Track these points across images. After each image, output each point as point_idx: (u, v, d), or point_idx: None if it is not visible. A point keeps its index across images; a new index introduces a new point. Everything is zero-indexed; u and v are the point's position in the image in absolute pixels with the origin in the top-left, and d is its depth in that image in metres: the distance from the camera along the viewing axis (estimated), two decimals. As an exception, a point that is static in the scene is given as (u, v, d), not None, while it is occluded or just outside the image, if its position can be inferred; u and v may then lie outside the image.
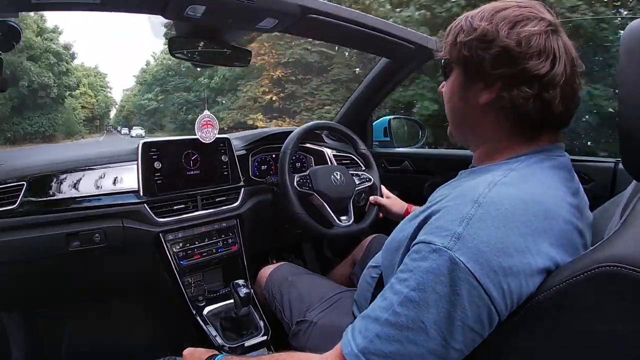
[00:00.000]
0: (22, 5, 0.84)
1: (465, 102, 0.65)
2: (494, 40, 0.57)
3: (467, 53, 0.60)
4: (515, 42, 0.56)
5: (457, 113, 0.68)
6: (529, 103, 0.57)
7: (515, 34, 0.56)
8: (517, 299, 0.49)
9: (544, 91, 0.56)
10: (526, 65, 0.56)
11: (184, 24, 1.10)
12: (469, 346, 0.50)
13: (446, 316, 0.48)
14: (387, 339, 0.50)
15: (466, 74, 0.63)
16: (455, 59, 0.64)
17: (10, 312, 1.26)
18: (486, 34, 0.58)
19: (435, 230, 0.52)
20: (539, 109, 0.57)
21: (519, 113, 0.58)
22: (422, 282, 0.49)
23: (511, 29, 0.56)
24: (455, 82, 0.66)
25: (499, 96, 0.59)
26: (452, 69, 0.66)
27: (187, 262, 1.22)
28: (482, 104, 0.61)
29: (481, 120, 0.64)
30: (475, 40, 0.59)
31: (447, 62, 0.67)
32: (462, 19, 0.63)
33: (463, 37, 0.61)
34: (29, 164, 1.10)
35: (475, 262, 0.47)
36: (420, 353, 0.49)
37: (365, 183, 1.37)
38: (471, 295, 0.47)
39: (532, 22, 0.57)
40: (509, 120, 0.60)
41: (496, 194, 0.52)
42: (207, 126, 1.26)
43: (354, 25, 1.16)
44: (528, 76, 0.56)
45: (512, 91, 0.57)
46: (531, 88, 0.56)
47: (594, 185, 1.10)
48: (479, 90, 0.61)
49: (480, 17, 0.60)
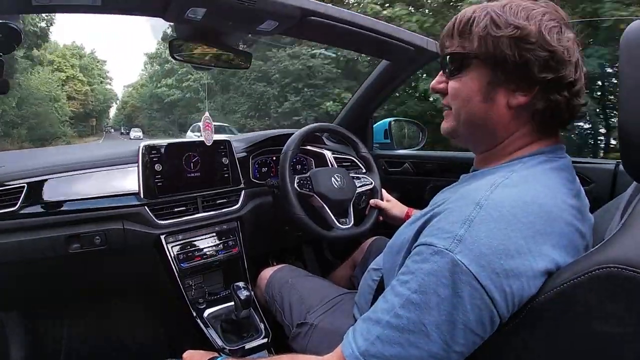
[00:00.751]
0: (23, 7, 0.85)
1: (490, 102, 0.60)
2: (537, 42, 0.55)
3: (508, 51, 0.56)
4: (563, 48, 0.55)
5: (475, 115, 0.62)
6: (561, 108, 0.57)
7: (556, 39, 0.55)
8: (518, 301, 0.49)
9: (573, 96, 0.57)
10: (564, 73, 0.56)
11: (185, 27, 1.10)
12: (469, 348, 0.50)
13: (448, 318, 0.48)
14: (389, 341, 0.50)
15: (497, 73, 0.58)
16: (485, 55, 0.58)
17: (9, 312, 1.26)
18: (529, 34, 0.55)
19: (436, 232, 0.52)
20: (567, 114, 0.58)
21: (548, 117, 0.58)
22: (423, 284, 0.49)
23: (551, 33, 0.55)
24: (478, 80, 0.60)
25: (533, 100, 0.58)
26: (471, 65, 0.60)
27: (187, 264, 1.22)
28: (513, 105, 0.59)
29: (504, 122, 0.61)
30: (519, 39, 0.55)
31: (465, 56, 0.60)
32: (485, 10, 0.58)
33: (499, 32, 0.56)
34: (30, 166, 1.10)
35: (477, 264, 0.47)
36: (422, 356, 0.48)
37: (366, 186, 1.37)
38: (473, 297, 0.47)
39: (568, 29, 0.58)
40: (535, 123, 0.60)
41: (498, 195, 0.52)
42: (207, 128, 1.27)
43: (353, 28, 1.16)
44: (564, 83, 0.56)
45: (550, 96, 0.57)
46: (564, 94, 0.57)
47: (594, 187, 1.10)
48: (511, 91, 0.58)
49: (513, 14, 0.56)
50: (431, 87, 0.68)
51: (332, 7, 1.09)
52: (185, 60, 1.16)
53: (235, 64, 1.26)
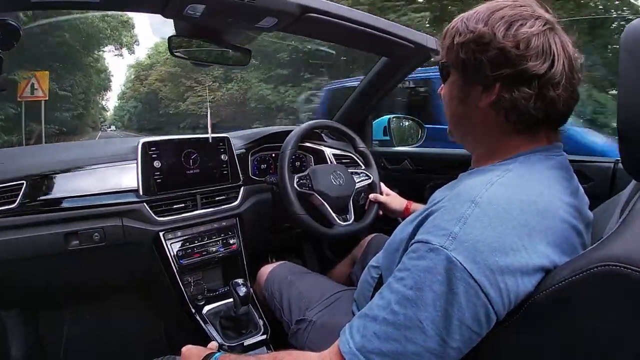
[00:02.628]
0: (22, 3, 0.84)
1: (464, 104, 0.64)
2: (490, 42, 0.56)
3: (464, 56, 0.60)
4: (512, 43, 0.55)
5: (456, 116, 0.68)
6: (530, 103, 0.57)
7: (512, 35, 0.56)
8: (514, 297, 0.49)
9: (544, 90, 0.56)
10: (525, 66, 0.55)
11: (184, 23, 1.10)
12: (467, 345, 0.50)
13: (444, 315, 0.48)
14: (385, 337, 0.51)
15: (464, 77, 0.62)
16: (452, 62, 0.63)
17: (8, 310, 1.26)
18: (482, 35, 0.57)
19: (432, 230, 0.53)
20: (541, 108, 0.57)
21: (519, 113, 0.58)
22: (419, 281, 0.50)
23: (507, 29, 0.56)
24: (453, 85, 0.65)
25: (499, 97, 0.58)
26: (449, 72, 0.66)
27: (186, 261, 1.22)
28: (482, 106, 0.61)
29: (481, 122, 0.63)
30: (472, 42, 0.58)
31: (444, 65, 0.66)
32: (457, 21, 0.63)
33: (460, 39, 0.60)
34: (29, 163, 1.10)
35: (472, 261, 0.47)
36: (418, 352, 0.49)
37: (365, 181, 1.37)
38: (468, 294, 0.47)
39: (529, 21, 0.56)
40: (510, 121, 0.60)
41: (493, 193, 0.52)
42: None
43: (353, 25, 1.16)
44: (527, 76, 0.56)
45: (512, 92, 0.57)
46: (531, 88, 0.56)
47: (593, 185, 1.10)
48: (478, 93, 0.61)
49: (475, 19, 0.59)
50: (438, 93, 0.73)
51: (331, 3, 1.08)
52: (184, 57, 1.16)
53: (234, 60, 1.25)
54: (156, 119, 28.94)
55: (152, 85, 30.17)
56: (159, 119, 28.42)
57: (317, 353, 0.59)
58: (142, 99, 36.13)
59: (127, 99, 47.26)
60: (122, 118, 49.93)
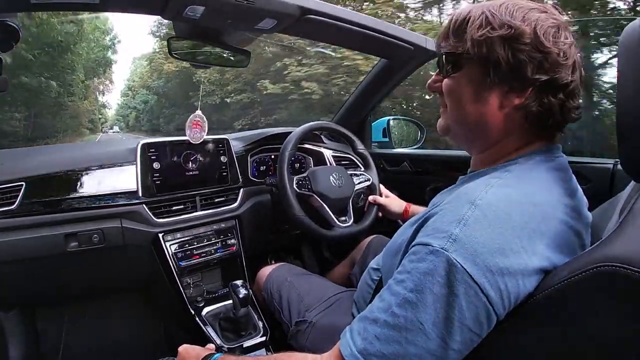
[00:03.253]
0: (21, 5, 0.84)
1: (482, 103, 0.60)
2: (531, 43, 0.54)
3: (501, 51, 0.55)
4: (558, 50, 0.55)
5: (468, 115, 0.62)
6: (556, 111, 0.57)
7: (553, 41, 0.55)
8: (514, 298, 0.49)
9: (568, 100, 0.57)
10: (559, 75, 0.55)
11: (183, 25, 1.10)
12: (467, 346, 0.50)
13: (444, 317, 0.48)
14: (386, 340, 0.50)
15: (490, 73, 0.57)
16: (476, 55, 0.57)
17: (7, 312, 1.25)
18: (524, 34, 0.54)
19: (432, 232, 0.53)
20: (562, 116, 0.58)
21: (544, 119, 0.58)
22: (419, 284, 0.50)
23: (546, 34, 0.55)
24: (471, 80, 0.60)
25: (527, 100, 0.57)
26: (464, 65, 0.60)
27: (185, 262, 1.22)
28: (508, 107, 0.58)
29: (497, 123, 0.60)
30: (513, 39, 0.55)
31: (459, 56, 0.60)
32: (481, 10, 0.58)
33: (494, 32, 0.55)
34: (28, 164, 1.09)
35: (472, 262, 0.47)
36: (419, 354, 0.49)
37: (364, 183, 1.37)
38: (468, 295, 0.47)
39: (563, 31, 0.56)
40: (528, 124, 0.59)
41: (493, 195, 0.52)
42: (196, 127, 1.26)
43: (352, 26, 1.16)
44: (558, 85, 0.56)
45: (544, 98, 0.56)
46: (560, 95, 0.56)
47: (592, 186, 1.10)
48: (501, 93, 0.58)
49: (509, 14, 0.56)
50: (427, 86, 0.69)
51: (331, 5, 1.09)
52: (183, 59, 1.16)
53: (233, 62, 1.25)
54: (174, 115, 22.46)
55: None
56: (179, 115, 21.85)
57: (319, 355, 0.59)
58: (161, 89, 28.67)
59: (134, 93, 41.70)
60: (126, 118, 45.12)
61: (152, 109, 34.04)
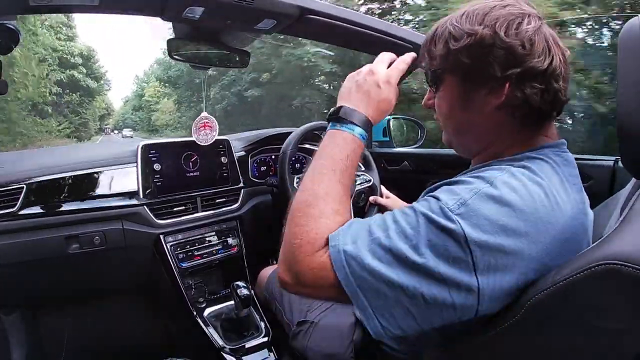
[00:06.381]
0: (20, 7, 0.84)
1: (468, 110, 0.62)
2: (494, 43, 0.56)
3: (467, 60, 0.58)
4: (519, 42, 0.55)
5: (459, 124, 0.65)
6: (540, 98, 0.57)
7: (514, 34, 0.56)
8: (500, 280, 0.49)
9: (550, 84, 0.57)
10: (531, 63, 0.56)
11: (183, 26, 1.10)
12: (438, 304, 0.49)
13: (431, 263, 0.49)
14: (373, 254, 0.52)
15: (466, 82, 0.60)
16: (450, 68, 0.61)
17: (10, 314, 1.26)
18: (484, 37, 0.56)
19: (446, 192, 0.54)
20: (549, 101, 0.58)
21: (530, 110, 0.58)
22: (419, 225, 0.51)
23: (508, 29, 0.56)
24: (452, 92, 0.63)
25: (508, 97, 0.58)
26: (444, 80, 0.63)
27: (187, 263, 1.22)
28: (489, 109, 0.60)
29: (487, 125, 0.62)
30: (475, 45, 0.57)
31: (437, 72, 0.64)
32: (444, 25, 0.61)
33: (458, 44, 0.59)
34: (29, 167, 1.10)
35: (472, 229, 0.48)
36: (395, 281, 0.50)
37: (365, 183, 1.37)
38: (457, 255, 0.48)
39: (525, 19, 0.57)
40: (516, 119, 0.60)
41: (508, 178, 0.53)
42: (205, 128, 1.26)
43: (352, 26, 1.16)
44: (533, 73, 0.56)
45: (523, 89, 0.57)
46: (539, 83, 0.57)
47: (593, 184, 1.10)
48: (483, 96, 0.59)
49: (470, 21, 0.58)
50: (423, 104, 0.71)
51: (330, 5, 1.09)
52: (183, 60, 1.16)
53: (233, 62, 1.25)
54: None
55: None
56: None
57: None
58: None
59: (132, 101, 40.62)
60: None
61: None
